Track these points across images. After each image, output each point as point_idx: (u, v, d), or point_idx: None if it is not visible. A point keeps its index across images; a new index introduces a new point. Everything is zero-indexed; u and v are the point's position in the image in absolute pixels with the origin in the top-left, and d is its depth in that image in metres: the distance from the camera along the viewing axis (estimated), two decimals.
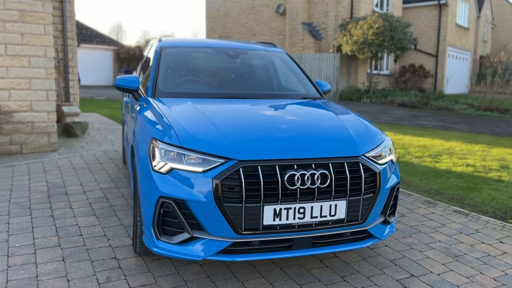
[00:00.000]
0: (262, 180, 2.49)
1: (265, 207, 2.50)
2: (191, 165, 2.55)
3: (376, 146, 2.96)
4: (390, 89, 21.64)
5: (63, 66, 9.53)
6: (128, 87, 3.67)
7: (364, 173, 2.72)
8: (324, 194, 2.62)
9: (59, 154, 6.57)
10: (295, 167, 2.57)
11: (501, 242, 3.65)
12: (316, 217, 2.62)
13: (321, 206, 2.62)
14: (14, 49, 6.42)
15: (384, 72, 23.36)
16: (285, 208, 2.55)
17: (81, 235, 3.47)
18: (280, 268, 3.04)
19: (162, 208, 2.59)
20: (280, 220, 2.55)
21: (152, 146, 2.71)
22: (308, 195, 2.59)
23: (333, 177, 2.62)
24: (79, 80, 23.49)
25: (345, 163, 2.69)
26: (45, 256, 3.08)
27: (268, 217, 2.52)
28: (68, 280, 2.76)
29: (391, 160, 3.06)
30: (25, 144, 6.70)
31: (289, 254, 2.68)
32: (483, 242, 3.64)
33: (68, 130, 8.32)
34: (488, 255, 3.39)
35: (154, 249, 2.66)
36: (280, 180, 2.51)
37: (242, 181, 2.46)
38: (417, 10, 25.26)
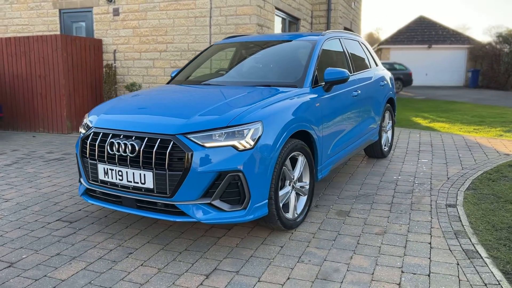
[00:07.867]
0: (97, 144, 3.18)
1: (98, 164, 3.18)
2: (82, 129, 3.52)
3: (210, 129, 2.91)
4: None
5: None
6: (171, 77, 4.78)
7: (170, 150, 2.86)
8: (137, 163, 2.99)
9: None
10: (121, 137, 3.08)
11: None
12: (131, 181, 3.03)
13: (133, 173, 3.00)
14: None
15: None
16: (110, 169, 3.12)
17: None
18: (179, 232, 3.44)
19: (76, 158, 3.69)
20: (108, 177, 3.14)
21: None
22: (125, 161, 3.04)
23: (141, 149, 2.95)
24: (411, 80, 23.76)
25: (159, 139, 2.92)
26: None
27: (101, 173, 3.18)
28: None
29: (232, 145, 2.87)
30: None
31: (121, 209, 3.19)
32: None
33: None
34: None
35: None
36: (106, 145, 3.12)
37: (87, 142, 3.25)
38: None
